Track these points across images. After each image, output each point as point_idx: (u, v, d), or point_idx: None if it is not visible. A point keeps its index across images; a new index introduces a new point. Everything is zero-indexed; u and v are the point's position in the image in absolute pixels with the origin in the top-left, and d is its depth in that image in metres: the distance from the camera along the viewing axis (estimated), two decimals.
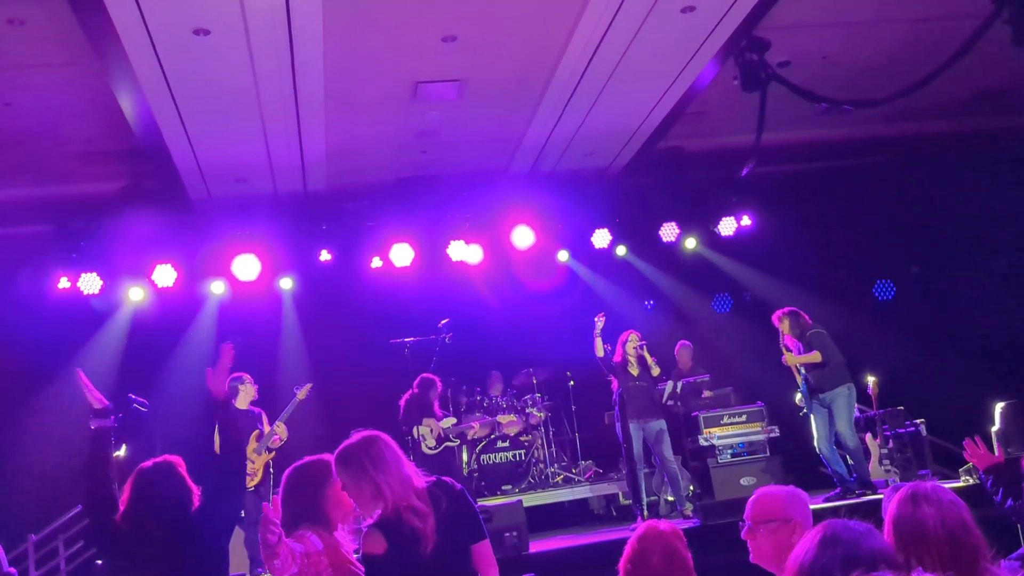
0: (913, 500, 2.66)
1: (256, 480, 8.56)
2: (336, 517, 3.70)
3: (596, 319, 8.90)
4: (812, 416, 8.59)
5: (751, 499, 3.32)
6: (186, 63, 7.35)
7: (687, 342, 10.83)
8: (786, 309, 8.74)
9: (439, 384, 9.67)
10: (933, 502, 2.64)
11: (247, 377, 8.74)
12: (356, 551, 3.65)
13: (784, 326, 8.65)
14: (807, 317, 8.68)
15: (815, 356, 8.43)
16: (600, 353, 8.89)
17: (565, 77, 8.58)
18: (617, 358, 8.99)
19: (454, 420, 10.11)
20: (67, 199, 10.13)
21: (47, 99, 8.18)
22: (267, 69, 7.60)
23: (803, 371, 8.61)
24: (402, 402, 9.50)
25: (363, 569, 3.52)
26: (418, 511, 3.46)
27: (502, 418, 10.48)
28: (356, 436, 3.64)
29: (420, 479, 3.62)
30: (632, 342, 9.05)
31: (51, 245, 10.28)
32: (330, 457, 3.65)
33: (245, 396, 8.65)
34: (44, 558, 9.59)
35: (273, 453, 8.71)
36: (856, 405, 8.75)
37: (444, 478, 3.73)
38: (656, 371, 9.02)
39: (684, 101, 9.47)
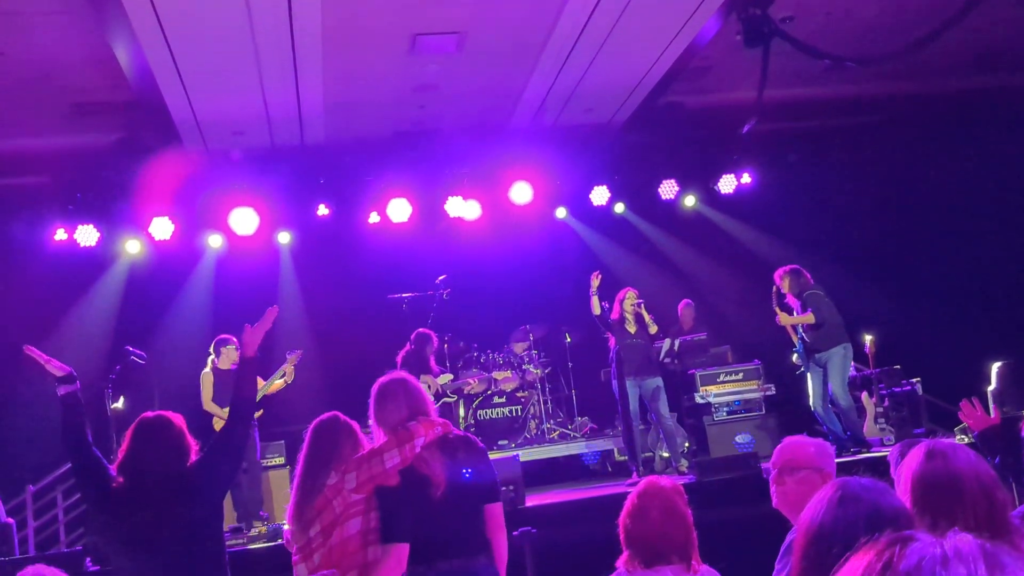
0: (941, 456, 2.48)
1: None
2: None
3: (592, 277, 8.85)
4: (808, 375, 8.59)
5: (780, 446, 3.30)
6: (182, 8, 7.24)
7: (690, 301, 10.83)
8: (788, 267, 8.67)
9: (435, 339, 9.68)
10: (962, 458, 2.46)
11: (233, 340, 8.74)
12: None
13: (785, 284, 8.60)
14: (809, 276, 8.63)
15: (808, 318, 8.42)
16: (597, 311, 8.86)
17: (566, 30, 8.47)
18: (614, 315, 8.98)
19: (451, 376, 10.14)
20: (64, 151, 10.03)
21: (42, 49, 8.07)
22: (265, 20, 7.48)
23: (800, 330, 8.60)
24: (399, 358, 9.51)
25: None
26: (431, 454, 3.56)
27: (498, 374, 10.51)
28: (394, 373, 3.95)
29: (442, 426, 3.72)
30: (630, 299, 9.03)
31: (48, 197, 10.23)
32: (341, 415, 3.80)
33: (228, 358, 8.65)
34: (42, 508, 9.67)
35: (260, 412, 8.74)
36: (853, 364, 8.76)
37: (470, 434, 3.88)
38: (654, 329, 9.01)
39: (686, 56, 9.36)
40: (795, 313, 8.62)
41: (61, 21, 7.65)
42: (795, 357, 8.82)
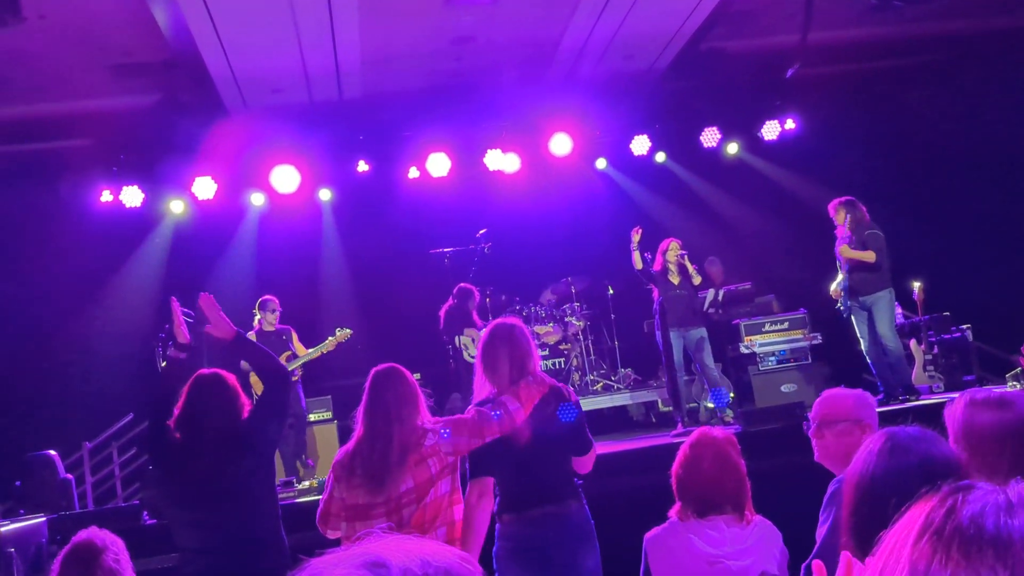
0: (998, 404, 2.35)
1: None
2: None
3: (633, 233, 8.71)
4: (853, 319, 8.28)
5: (818, 400, 3.28)
6: None
7: (714, 258, 10.72)
8: (844, 198, 8.25)
9: (476, 293, 9.70)
10: (1020, 406, 2.33)
11: (275, 300, 8.92)
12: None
13: (840, 216, 8.17)
14: (865, 211, 8.24)
15: (869, 255, 8.00)
16: (639, 265, 8.76)
17: None
18: (657, 267, 8.90)
19: None
20: (105, 112, 10.13)
21: (81, 11, 8.10)
22: None
23: (846, 267, 8.26)
24: (442, 312, 9.56)
25: None
26: (516, 404, 3.60)
27: (540, 328, 10.51)
28: (508, 318, 3.98)
29: (540, 378, 3.77)
30: (673, 250, 8.94)
31: (92, 159, 10.34)
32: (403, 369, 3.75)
33: (269, 320, 8.92)
34: (99, 464, 9.93)
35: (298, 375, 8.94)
36: (901, 311, 8.60)
37: (565, 387, 3.90)
38: (698, 280, 8.92)
39: (727, 0, 9.15)
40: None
41: None
42: (834, 288, 8.33)
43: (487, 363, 3.80)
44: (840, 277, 8.27)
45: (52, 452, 7.95)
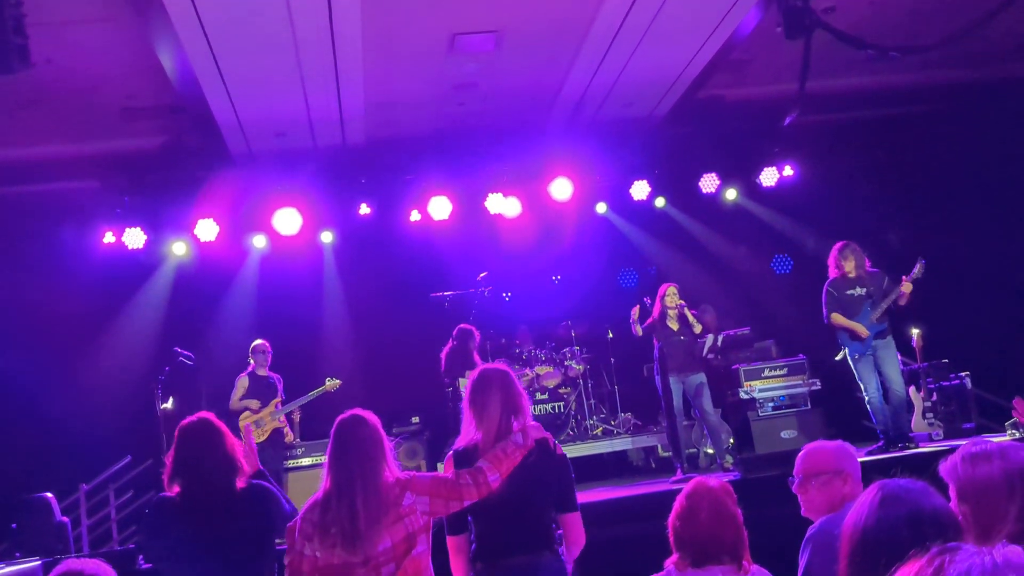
0: (994, 456, 2.30)
1: (263, 439, 8.86)
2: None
3: (632, 311, 8.80)
4: (858, 366, 8.15)
5: (800, 454, 3.31)
6: (223, 13, 7.33)
7: (707, 305, 10.77)
8: (846, 242, 8.26)
9: (477, 334, 9.72)
10: (1014, 458, 2.28)
11: (267, 346, 9.16)
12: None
13: (852, 260, 8.09)
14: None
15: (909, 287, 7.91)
16: (639, 333, 8.84)
17: (604, 25, 8.44)
18: (655, 312, 8.92)
19: None
20: (110, 155, 10.23)
21: (88, 55, 8.23)
22: (306, 24, 7.56)
23: (882, 307, 8.00)
24: (443, 355, 9.58)
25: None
26: (495, 474, 3.51)
27: (540, 370, 10.51)
28: (499, 364, 3.91)
29: (528, 433, 3.67)
30: (671, 296, 8.93)
31: (96, 200, 10.44)
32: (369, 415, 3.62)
33: (260, 364, 9.17)
34: (95, 507, 9.87)
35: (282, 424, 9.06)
36: (900, 357, 8.59)
37: (549, 438, 3.78)
38: (698, 328, 8.90)
39: (726, 49, 9.28)
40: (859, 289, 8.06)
41: (107, 29, 7.79)
42: (862, 328, 8.05)
43: (476, 408, 3.73)
44: (872, 316, 8.04)
45: (48, 495, 7.92)
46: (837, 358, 8.48)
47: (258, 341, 9.25)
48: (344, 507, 3.32)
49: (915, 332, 8.85)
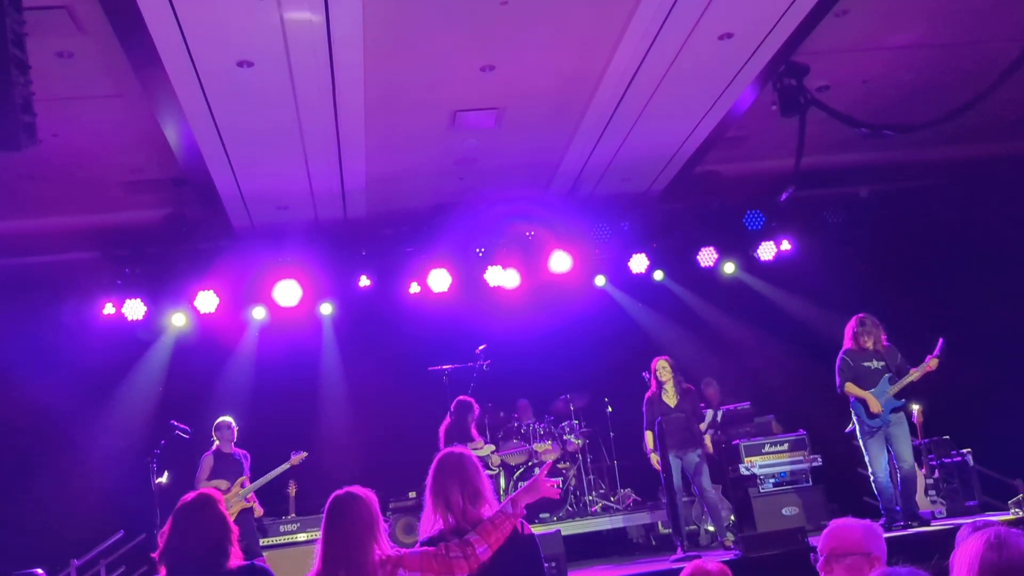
0: (1002, 546, 2.28)
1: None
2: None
3: (645, 437, 8.82)
4: (868, 443, 8.00)
5: (826, 531, 3.24)
6: (230, 94, 7.48)
7: (710, 379, 10.76)
8: (863, 314, 8.24)
9: (476, 408, 9.67)
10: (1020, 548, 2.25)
11: (232, 424, 9.09)
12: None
13: (872, 334, 8.10)
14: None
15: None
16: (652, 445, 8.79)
17: (602, 104, 8.60)
18: (652, 388, 8.87)
19: (492, 447, 10.09)
20: (112, 227, 10.32)
21: (94, 129, 8.36)
22: (309, 100, 7.70)
23: (895, 383, 7.98)
24: (441, 430, 9.51)
25: None
26: (484, 547, 3.50)
27: (539, 446, 10.43)
28: (457, 448, 3.84)
29: (491, 511, 3.66)
30: (661, 370, 8.85)
31: (97, 271, 10.48)
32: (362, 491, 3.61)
33: (227, 440, 9.08)
34: None
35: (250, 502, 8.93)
36: None
37: (521, 521, 3.74)
38: (673, 403, 8.79)
39: (722, 126, 9.44)
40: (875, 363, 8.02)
41: (114, 105, 7.93)
42: (877, 405, 7.95)
43: (437, 496, 3.68)
44: (890, 391, 7.97)
45: (40, 572, 7.79)
46: (847, 430, 8.38)
47: (223, 418, 9.16)
48: None
49: (916, 408, 8.80)
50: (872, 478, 8.03)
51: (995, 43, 8.43)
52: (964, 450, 9.09)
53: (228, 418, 9.16)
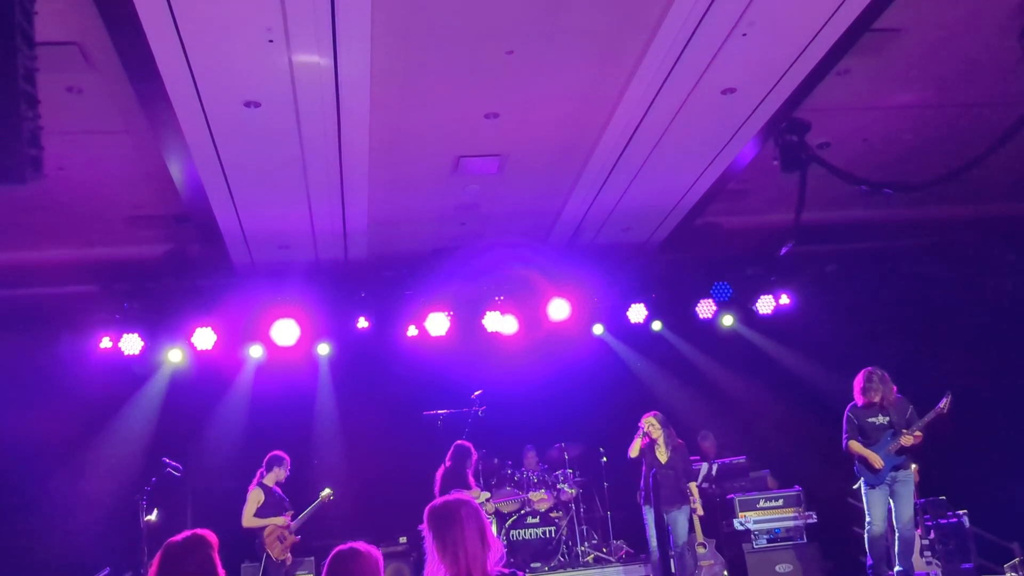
0: None
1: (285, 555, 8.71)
2: None
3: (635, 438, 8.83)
4: (870, 497, 7.94)
5: None
6: (236, 133, 7.53)
7: (707, 432, 10.72)
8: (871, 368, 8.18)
9: (474, 453, 9.61)
10: None
11: (286, 458, 9.13)
12: None
13: (880, 388, 8.02)
14: None
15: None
16: (632, 455, 8.79)
17: (605, 154, 8.66)
18: (645, 443, 8.83)
19: (488, 495, 10.00)
20: (113, 261, 10.32)
21: (99, 164, 8.40)
22: (314, 142, 7.76)
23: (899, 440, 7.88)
24: (438, 475, 9.44)
25: None
26: None
27: (533, 495, 10.36)
28: (455, 495, 3.69)
29: (495, 559, 3.56)
30: (650, 427, 8.83)
31: (95, 305, 10.48)
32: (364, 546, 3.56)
33: (276, 476, 9.06)
34: None
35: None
36: None
37: (517, 572, 3.67)
38: (664, 459, 8.77)
39: (723, 180, 9.50)
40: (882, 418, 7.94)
41: (119, 139, 7.98)
42: (878, 460, 7.89)
43: (449, 545, 3.46)
44: (891, 446, 7.90)
45: None
46: (855, 487, 8.29)
47: (278, 452, 9.15)
48: None
49: (912, 468, 8.74)
50: (867, 527, 7.95)
51: (993, 107, 8.52)
52: (960, 511, 9.02)
53: (282, 454, 9.13)
